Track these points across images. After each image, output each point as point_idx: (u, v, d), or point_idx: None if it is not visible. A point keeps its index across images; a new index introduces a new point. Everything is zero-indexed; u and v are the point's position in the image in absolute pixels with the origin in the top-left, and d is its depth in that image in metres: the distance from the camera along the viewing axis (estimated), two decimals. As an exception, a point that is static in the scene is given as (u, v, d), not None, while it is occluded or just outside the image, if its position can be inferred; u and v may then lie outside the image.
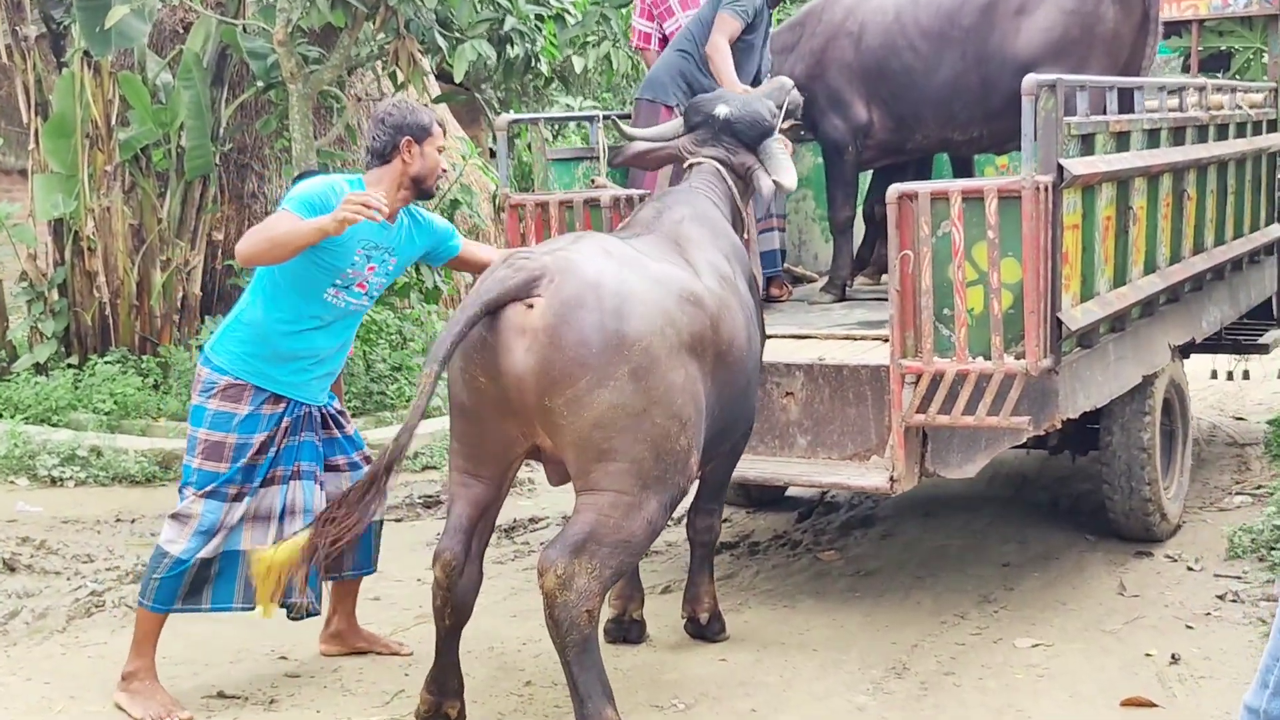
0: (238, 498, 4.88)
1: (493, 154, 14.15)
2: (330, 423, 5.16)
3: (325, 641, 5.47)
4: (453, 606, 4.58)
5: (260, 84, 10.54)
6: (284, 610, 5.03)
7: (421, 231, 5.10)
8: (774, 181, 5.52)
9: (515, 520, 7.62)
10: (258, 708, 4.94)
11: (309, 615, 5.10)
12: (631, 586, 5.55)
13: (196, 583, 4.89)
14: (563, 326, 4.27)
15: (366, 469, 4.61)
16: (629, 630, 5.56)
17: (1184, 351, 7.29)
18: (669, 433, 4.37)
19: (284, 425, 4.93)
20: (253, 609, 5.01)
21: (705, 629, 5.60)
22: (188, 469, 4.89)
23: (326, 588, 5.29)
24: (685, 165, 5.66)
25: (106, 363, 9.90)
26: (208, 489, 4.84)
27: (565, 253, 4.47)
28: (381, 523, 5.32)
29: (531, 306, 4.30)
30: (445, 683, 4.67)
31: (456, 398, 4.53)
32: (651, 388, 4.31)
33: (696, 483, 5.14)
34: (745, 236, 5.81)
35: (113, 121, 10.24)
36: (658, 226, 5.07)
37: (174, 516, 4.88)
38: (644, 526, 4.35)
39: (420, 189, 4.97)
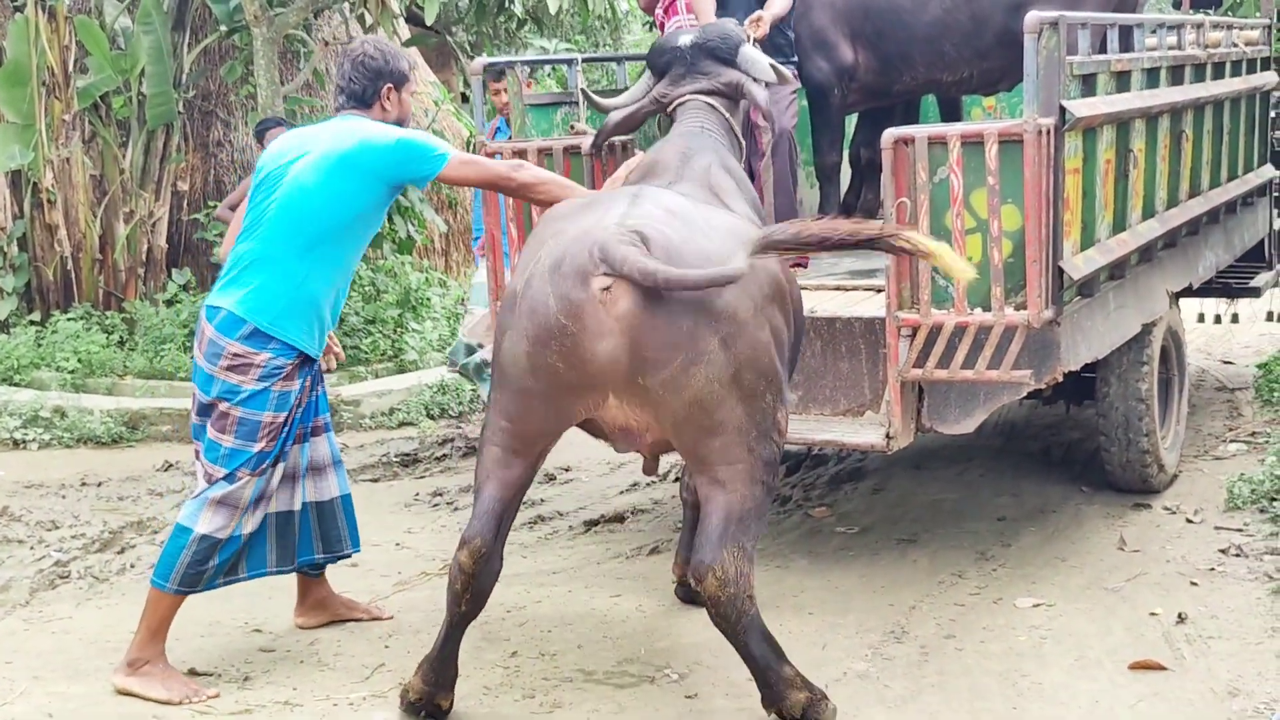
0: (276, 462, 4.74)
1: (465, 99, 13.85)
2: None
3: (302, 614, 5.22)
4: (473, 594, 4.33)
5: (224, 28, 10.26)
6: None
7: None
8: (756, 80, 5.33)
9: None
10: (231, 685, 4.69)
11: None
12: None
13: (239, 556, 4.77)
14: (651, 305, 4.03)
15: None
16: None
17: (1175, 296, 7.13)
18: (758, 391, 4.19)
19: (308, 382, 4.82)
20: (289, 570, 4.96)
21: (697, 593, 5.39)
22: (243, 453, 4.63)
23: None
24: (669, 109, 5.41)
25: (69, 319, 9.64)
26: (262, 466, 4.68)
27: (635, 222, 4.17)
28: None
29: (609, 288, 4.03)
30: (444, 673, 4.43)
31: (518, 381, 4.21)
32: (741, 351, 4.13)
33: None
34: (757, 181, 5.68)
35: (70, 68, 9.97)
36: (689, 173, 4.85)
37: (220, 503, 4.63)
38: (764, 490, 4.24)
39: None
